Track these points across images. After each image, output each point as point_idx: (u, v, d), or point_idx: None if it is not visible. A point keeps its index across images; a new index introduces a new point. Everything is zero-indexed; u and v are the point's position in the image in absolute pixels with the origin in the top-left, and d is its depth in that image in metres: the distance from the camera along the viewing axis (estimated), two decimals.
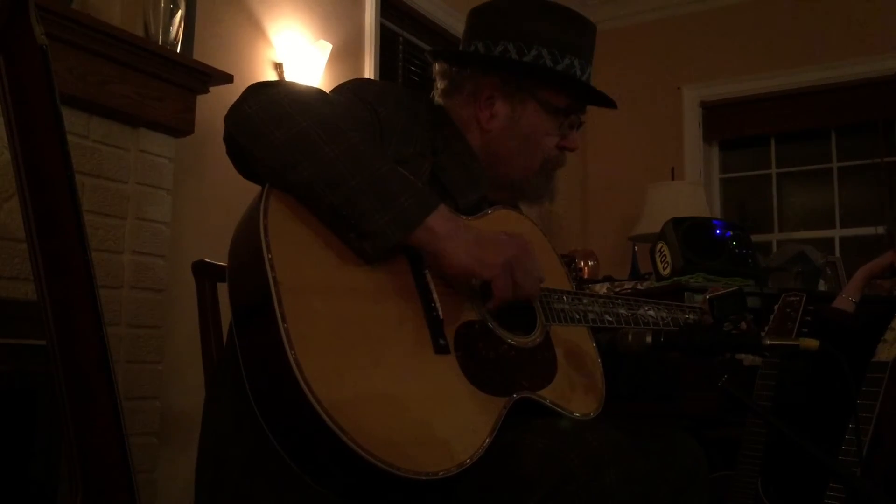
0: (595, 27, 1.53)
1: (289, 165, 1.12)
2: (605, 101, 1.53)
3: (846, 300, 2.49)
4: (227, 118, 1.18)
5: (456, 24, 4.24)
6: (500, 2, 1.51)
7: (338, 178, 1.12)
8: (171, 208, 2.59)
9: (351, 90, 1.36)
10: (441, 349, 1.17)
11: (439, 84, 1.53)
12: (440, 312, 1.19)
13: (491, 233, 1.24)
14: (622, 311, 1.49)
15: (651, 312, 1.55)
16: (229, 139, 1.18)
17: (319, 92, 1.28)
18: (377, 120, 1.32)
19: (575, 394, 1.31)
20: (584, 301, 1.43)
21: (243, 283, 1.13)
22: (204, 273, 1.57)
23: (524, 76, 1.46)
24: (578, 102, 1.51)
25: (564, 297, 1.40)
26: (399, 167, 1.20)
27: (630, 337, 1.29)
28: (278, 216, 1.12)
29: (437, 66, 1.54)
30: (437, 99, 1.54)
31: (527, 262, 1.23)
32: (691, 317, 1.60)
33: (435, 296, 1.20)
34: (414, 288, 1.20)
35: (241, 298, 1.13)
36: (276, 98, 1.16)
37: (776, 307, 1.97)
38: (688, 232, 3.15)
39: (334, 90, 1.38)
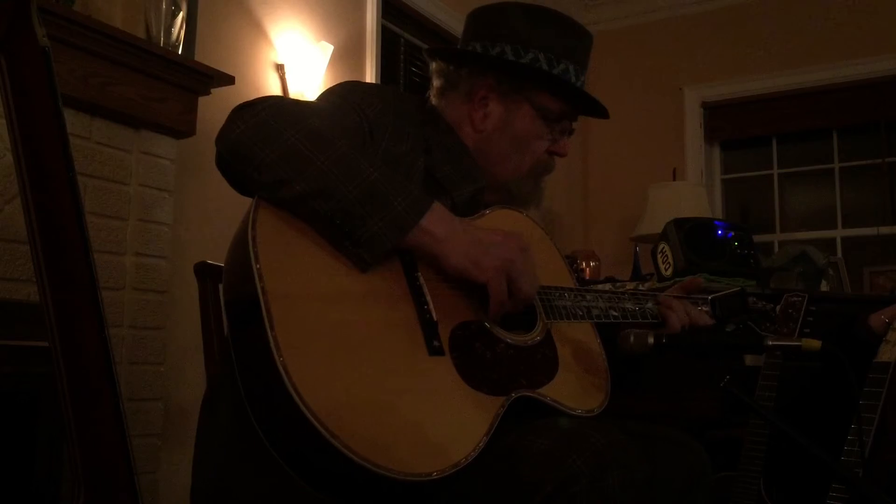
0: (591, 36, 1.54)
1: (281, 182, 1.13)
2: (598, 111, 1.54)
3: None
4: (218, 142, 1.18)
5: (457, 25, 4.22)
6: (498, 5, 1.52)
7: (330, 188, 1.12)
8: (172, 210, 2.59)
9: (338, 94, 1.37)
10: (435, 351, 1.16)
11: (435, 82, 1.54)
12: (433, 314, 1.19)
13: (489, 234, 1.23)
14: (629, 305, 1.48)
15: None
16: (221, 163, 1.19)
17: (303, 103, 1.29)
18: (366, 121, 1.32)
19: (577, 391, 1.30)
20: (588, 297, 1.42)
21: (235, 293, 1.14)
22: (206, 274, 1.57)
23: (519, 78, 1.46)
24: (571, 109, 1.51)
25: (566, 295, 1.39)
26: (391, 168, 1.21)
27: (632, 338, 1.28)
28: (267, 226, 1.12)
29: (433, 65, 1.56)
30: (432, 99, 1.54)
31: (524, 264, 1.23)
32: (703, 308, 1.57)
33: (428, 298, 1.20)
34: (407, 291, 1.19)
35: (234, 308, 1.14)
36: (262, 117, 1.16)
37: (778, 308, 1.97)
38: (689, 232, 3.14)
39: (322, 94, 1.39)
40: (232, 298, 1.15)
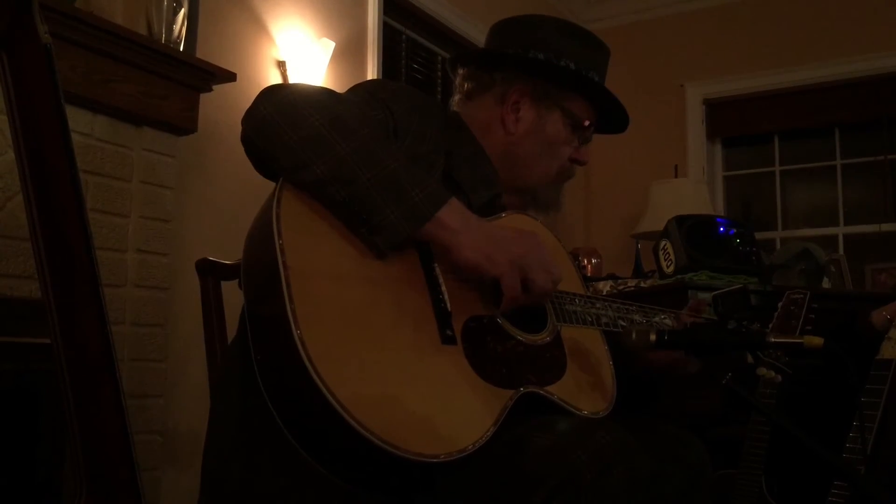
0: (609, 51, 1.58)
1: (302, 164, 1.14)
2: (618, 123, 1.60)
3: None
4: (244, 121, 1.20)
5: (459, 22, 4.24)
6: (525, 17, 1.56)
7: (349, 174, 1.14)
8: (174, 206, 2.60)
9: (366, 89, 1.38)
10: (447, 340, 1.18)
11: (465, 86, 1.55)
12: (448, 304, 1.20)
13: (504, 230, 1.25)
14: (637, 317, 1.50)
15: (667, 321, 1.56)
16: (247, 141, 1.21)
17: (331, 92, 1.30)
18: (392, 118, 1.33)
19: (584, 392, 1.31)
20: (598, 305, 1.45)
21: (255, 268, 1.16)
22: (207, 271, 1.57)
23: (555, 82, 1.50)
24: (597, 117, 1.55)
25: (577, 300, 1.41)
26: (411, 163, 1.22)
27: (634, 335, 1.29)
28: (291, 205, 1.15)
29: (462, 70, 1.57)
30: (455, 106, 1.57)
31: (538, 258, 1.24)
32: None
33: (443, 288, 1.21)
34: (423, 280, 1.21)
35: (253, 283, 1.16)
36: (290, 99, 1.18)
37: (780, 305, 1.97)
38: (691, 230, 3.14)
39: (351, 90, 1.41)
40: (251, 272, 1.17)
